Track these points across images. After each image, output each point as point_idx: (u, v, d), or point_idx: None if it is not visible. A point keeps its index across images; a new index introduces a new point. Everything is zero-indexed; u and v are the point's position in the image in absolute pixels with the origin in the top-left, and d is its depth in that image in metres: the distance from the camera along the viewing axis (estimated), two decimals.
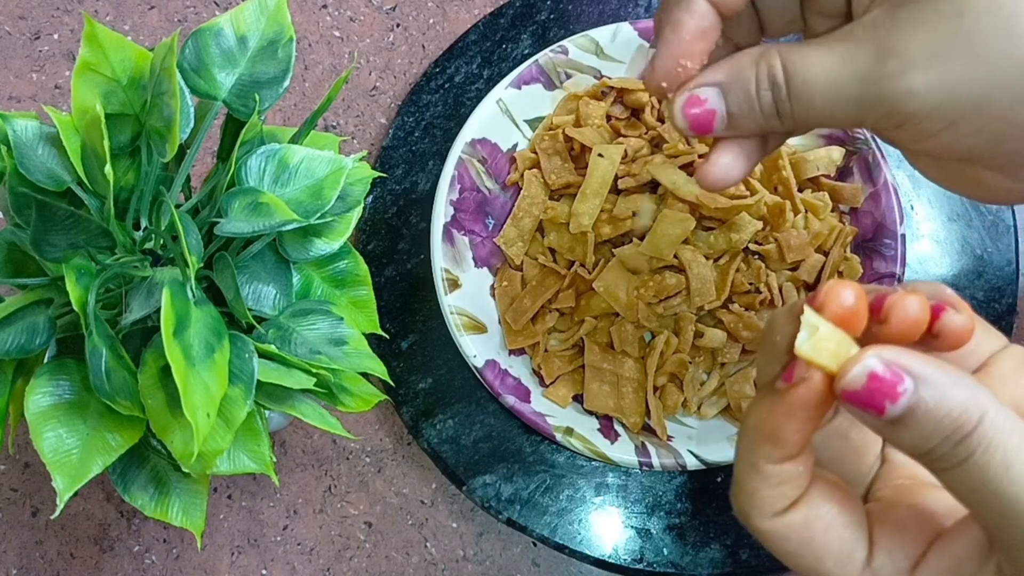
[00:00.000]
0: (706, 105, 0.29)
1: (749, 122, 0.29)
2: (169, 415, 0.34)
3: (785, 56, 0.28)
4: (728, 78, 0.29)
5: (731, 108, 0.29)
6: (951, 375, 0.22)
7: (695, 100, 0.29)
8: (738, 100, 0.28)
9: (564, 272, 0.50)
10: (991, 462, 0.21)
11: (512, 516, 0.49)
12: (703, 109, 0.29)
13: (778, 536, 0.24)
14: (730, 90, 0.29)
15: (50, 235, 0.33)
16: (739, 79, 0.28)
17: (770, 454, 0.24)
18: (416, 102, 0.56)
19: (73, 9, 0.59)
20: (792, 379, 0.23)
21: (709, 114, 0.29)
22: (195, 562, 0.51)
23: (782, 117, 0.28)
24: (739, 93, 0.28)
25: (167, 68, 0.34)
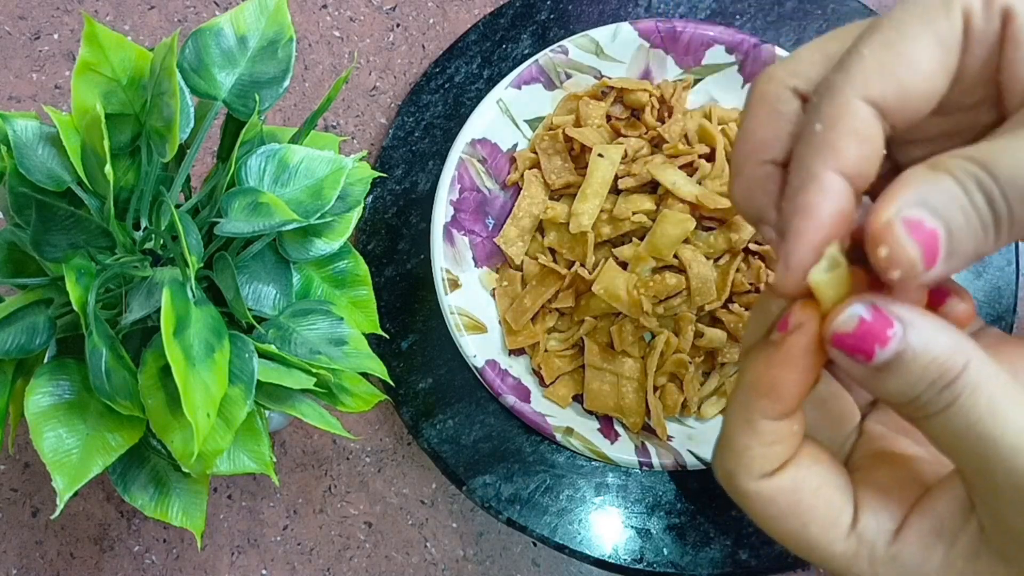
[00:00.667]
0: (925, 225, 0.21)
1: (968, 241, 0.22)
2: (169, 415, 0.34)
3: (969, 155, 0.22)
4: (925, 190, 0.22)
5: (950, 224, 0.21)
6: (938, 322, 0.22)
7: (911, 222, 0.21)
8: (952, 212, 0.21)
9: (564, 272, 0.50)
10: (976, 405, 0.21)
11: (512, 516, 0.49)
12: (925, 231, 0.21)
13: (764, 499, 0.24)
14: (938, 202, 0.21)
15: (50, 235, 0.33)
16: (938, 188, 0.21)
17: (767, 409, 0.24)
18: (416, 102, 0.56)
19: (73, 9, 0.59)
20: (788, 326, 0.23)
21: (931, 236, 0.21)
22: (195, 562, 0.51)
23: (999, 225, 0.22)
24: (949, 203, 0.21)
25: (167, 68, 0.34)
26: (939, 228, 0.21)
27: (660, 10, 0.56)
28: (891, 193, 0.22)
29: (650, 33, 0.53)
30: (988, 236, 0.22)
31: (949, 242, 0.21)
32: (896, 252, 0.21)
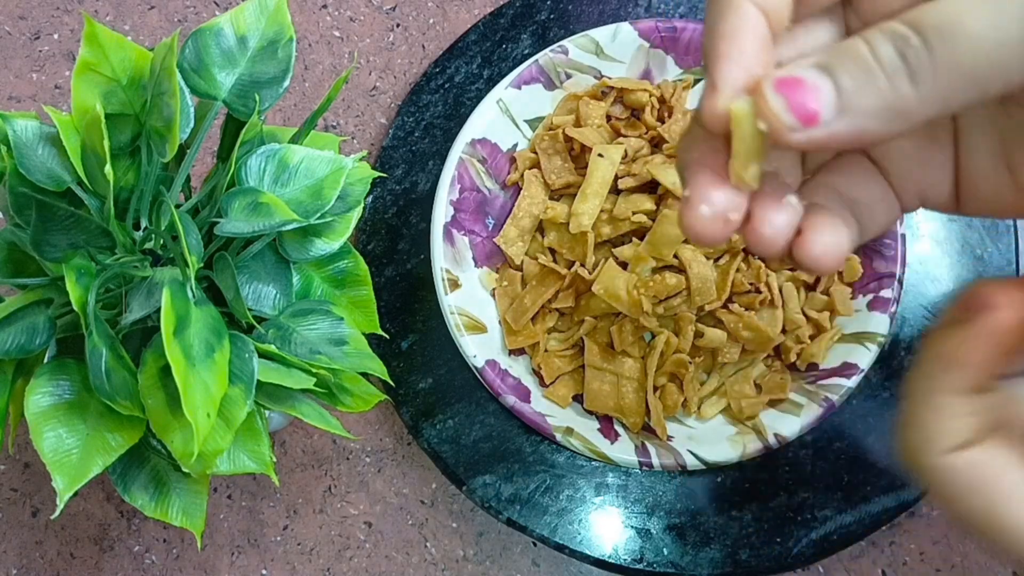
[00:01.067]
0: (806, 83, 0.21)
1: (869, 99, 0.20)
2: (169, 415, 0.34)
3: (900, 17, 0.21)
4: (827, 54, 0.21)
5: (842, 82, 0.21)
6: None
7: (789, 81, 0.21)
8: (850, 70, 0.21)
9: (564, 272, 0.50)
10: None
11: (512, 516, 0.49)
12: (803, 89, 0.21)
13: (949, 473, 0.23)
14: (834, 63, 0.21)
15: (50, 235, 0.33)
16: (843, 49, 0.21)
17: (955, 381, 0.23)
18: (416, 102, 0.56)
19: (73, 9, 0.59)
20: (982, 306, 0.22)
21: (811, 93, 0.21)
22: (195, 562, 0.51)
23: (918, 80, 0.20)
24: (847, 63, 0.21)
25: (167, 68, 0.34)
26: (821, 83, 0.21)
27: (660, 10, 0.56)
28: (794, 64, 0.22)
29: (650, 33, 0.53)
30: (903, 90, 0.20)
31: (839, 97, 0.21)
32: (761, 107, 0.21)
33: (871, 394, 0.51)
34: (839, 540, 0.48)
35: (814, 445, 0.50)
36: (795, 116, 0.21)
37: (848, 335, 0.50)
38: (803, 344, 0.50)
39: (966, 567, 0.50)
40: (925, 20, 0.20)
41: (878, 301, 0.50)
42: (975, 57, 0.20)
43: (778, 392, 0.50)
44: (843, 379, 0.49)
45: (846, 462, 0.49)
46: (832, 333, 0.50)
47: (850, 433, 0.50)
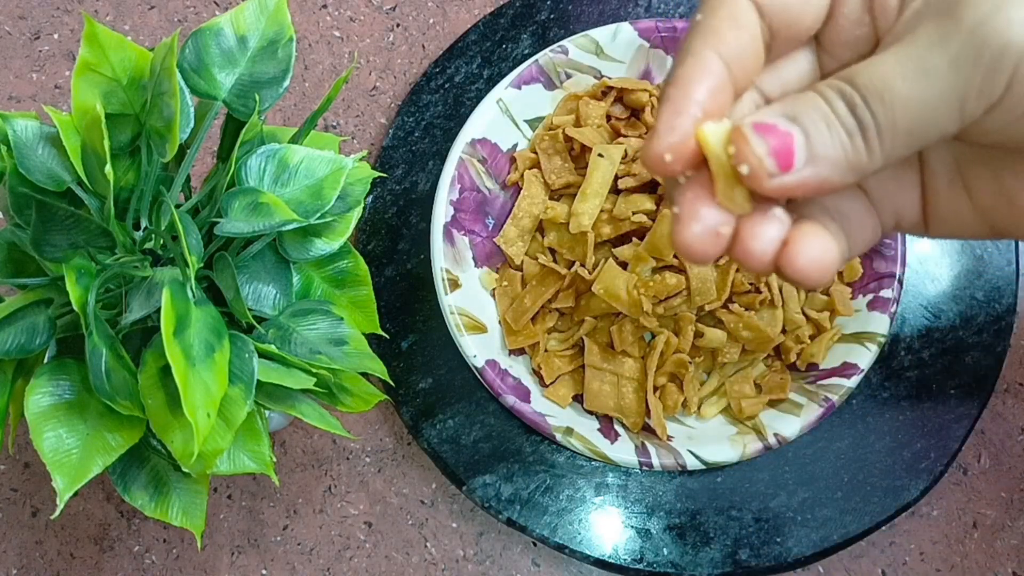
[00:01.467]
0: (778, 128, 0.22)
1: (833, 147, 0.22)
2: (169, 415, 0.34)
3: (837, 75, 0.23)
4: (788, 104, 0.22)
5: (808, 129, 0.22)
6: None
7: (762, 125, 0.22)
8: (812, 119, 0.22)
9: (564, 272, 0.50)
10: None
11: (512, 516, 0.49)
12: (778, 134, 0.22)
13: None
14: (798, 112, 0.22)
15: (50, 235, 0.33)
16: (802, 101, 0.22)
17: None
18: (416, 102, 0.56)
19: (73, 9, 0.59)
20: None
21: (786, 138, 0.22)
22: (195, 562, 0.51)
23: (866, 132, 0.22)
24: (809, 112, 0.22)
25: (167, 68, 0.34)
26: (793, 131, 0.22)
27: (660, 10, 0.56)
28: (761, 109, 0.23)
29: (650, 33, 0.53)
30: (857, 144, 0.22)
31: (809, 147, 0.22)
32: (742, 149, 0.22)
33: (871, 394, 0.51)
34: (839, 540, 0.48)
35: (814, 445, 0.50)
36: (775, 160, 0.22)
37: (848, 335, 0.50)
38: (803, 344, 0.50)
39: (966, 567, 0.50)
40: (862, 82, 0.22)
41: (878, 301, 0.50)
42: (909, 117, 0.22)
43: (778, 392, 0.50)
44: (843, 379, 0.49)
45: (846, 462, 0.49)
46: (832, 333, 0.50)
47: (850, 433, 0.50)
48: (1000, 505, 0.51)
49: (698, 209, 0.23)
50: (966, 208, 0.26)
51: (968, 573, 0.50)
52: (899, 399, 0.50)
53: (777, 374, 0.50)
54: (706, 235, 0.23)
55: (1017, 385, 0.53)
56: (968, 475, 0.52)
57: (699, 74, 0.23)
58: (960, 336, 0.51)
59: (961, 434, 0.50)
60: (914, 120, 0.22)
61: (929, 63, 0.21)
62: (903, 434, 0.50)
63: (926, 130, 0.22)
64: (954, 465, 0.51)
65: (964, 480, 0.52)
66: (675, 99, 0.23)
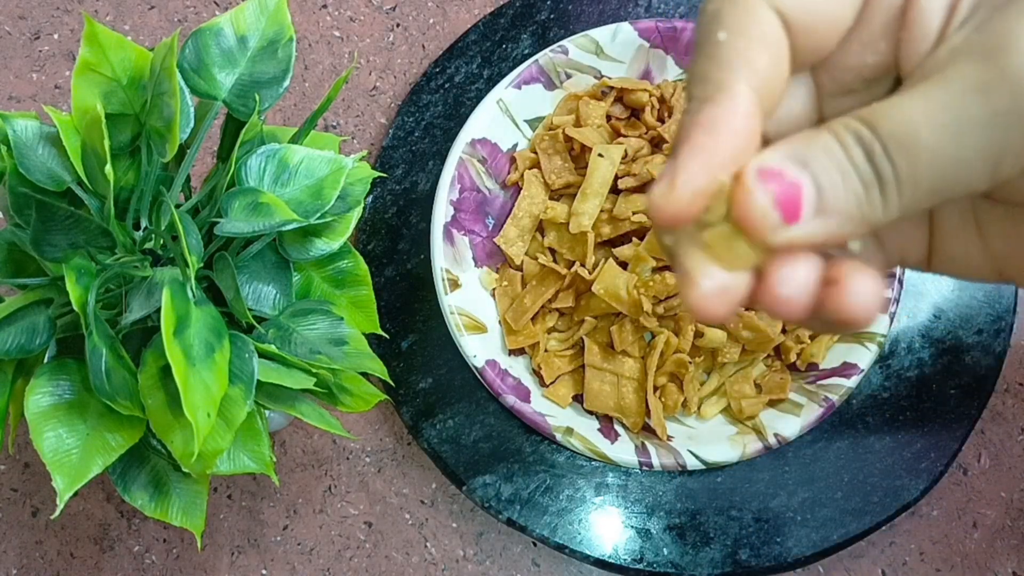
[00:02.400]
0: (786, 176, 0.19)
1: (845, 199, 0.19)
2: (169, 415, 0.34)
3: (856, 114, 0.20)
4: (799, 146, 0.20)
5: (819, 179, 0.19)
6: None
7: (768, 172, 0.19)
8: (824, 166, 0.19)
9: (564, 272, 0.50)
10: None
11: (512, 516, 0.49)
12: (784, 183, 0.19)
13: None
14: (809, 156, 0.19)
15: (50, 235, 0.33)
16: (814, 143, 0.20)
17: None
18: (416, 102, 0.56)
19: (73, 9, 0.59)
20: None
21: (793, 187, 0.19)
22: (195, 562, 0.51)
23: (883, 185, 0.19)
24: (821, 158, 0.19)
25: (167, 68, 0.34)
26: (803, 180, 0.19)
27: (660, 10, 0.56)
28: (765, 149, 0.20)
29: (650, 33, 0.53)
30: (873, 197, 0.20)
31: (819, 198, 0.19)
32: (742, 201, 0.19)
33: (871, 394, 0.51)
34: (839, 540, 0.48)
35: (814, 445, 0.50)
36: (780, 213, 0.19)
37: (848, 335, 0.50)
38: (803, 344, 0.50)
39: (966, 567, 0.50)
40: (886, 128, 0.19)
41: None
42: (934, 174, 0.19)
43: (778, 392, 0.50)
44: (843, 379, 0.49)
45: (846, 462, 0.49)
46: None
47: (850, 433, 0.50)
48: (1000, 505, 0.51)
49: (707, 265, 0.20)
50: (976, 251, 0.24)
51: (968, 573, 0.50)
52: (899, 399, 0.50)
53: (777, 374, 0.50)
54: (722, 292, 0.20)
55: (1017, 385, 0.53)
56: (968, 475, 0.52)
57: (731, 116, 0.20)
58: (960, 336, 0.51)
59: (961, 434, 0.50)
60: (940, 177, 0.19)
61: (964, 114, 0.19)
62: (903, 434, 0.50)
63: (952, 188, 0.20)
64: (954, 465, 0.51)
65: (964, 480, 0.52)
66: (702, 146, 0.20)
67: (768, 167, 0.19)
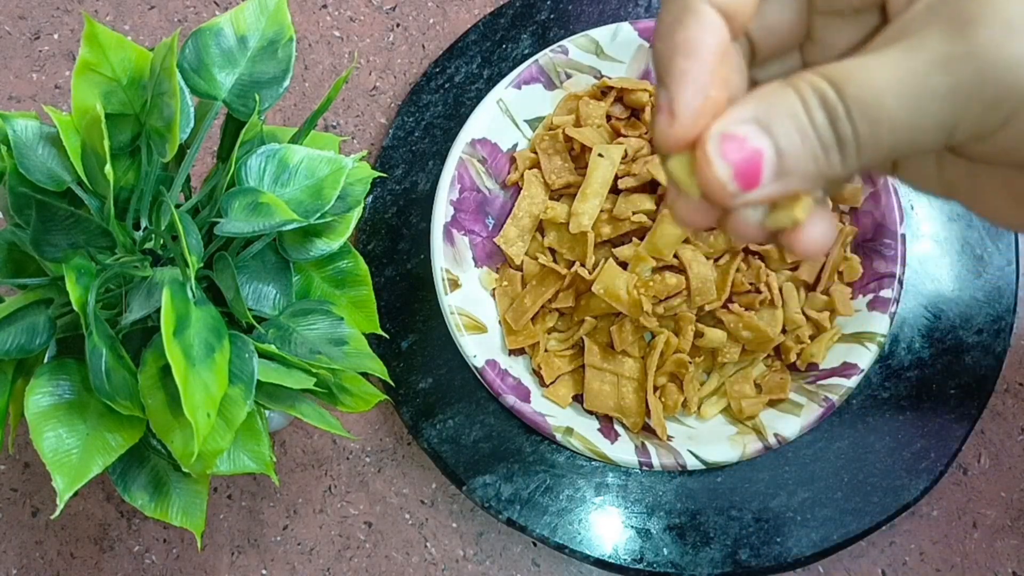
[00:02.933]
0: (747, 143, 0.20)
1: (804, 161, 0.20)
2: (169, 415, 0.34)
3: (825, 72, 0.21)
4: (763, 106, 0.21)
5: (779, 143, 0.20)
6: None
7: (730, 139, 0.20)
8: (786, 130, 0.20)
9: (564, 272, 0.50)
10: None
11: (512, 516, 0.49)
12: (745, 149, 0.20)
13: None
14: (772, 119, 0.20)
15: (50, 235, 0.33)
16: (778, 104, 0.21)
17: None
18: (416, 102, 0.56)
19: (73, 9, 0.59)
20: None
21: (754, 155, 0.20)
22: (195, 562, 0.51)
23: (844, 147, 0.20)
24: (784, 121, 0.20)
25: (167, 68, 0.34)
26: (764, 146, 0.20)
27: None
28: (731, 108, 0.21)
29: (650, 33, 0.53)
30: (831, 158, 0.21)
31: (778, 162, 0.20)
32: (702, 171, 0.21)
33: (871, 394, 0.51)
34: (839, 540, 0.48)
35: (814, 445, 0.50)
36: (739, 182, 0.20)
37: (848, 335, 0.50)
38: (803, 344, 0.50)
39: (966, 567, 0.50)
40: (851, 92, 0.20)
41: (878, 301, 0.50)
42: (894, 137, 0.20)
43: (778, 392, 0.50)
44: (843, 379, 0.49)
45: (846, 462, 0.49)
46: (832, 333, 0.50)
47: (850, 433, 0.50)
48: (1000, 505, 0.51)
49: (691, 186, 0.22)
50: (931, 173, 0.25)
51: (968, 573, 0.50)
52: (899, 399, 0.50)
53: (777, 374, 0.50)
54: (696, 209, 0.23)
55: (1017, 385, 0.53)
56: (968, 475, 0.52)
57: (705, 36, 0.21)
58: (960, 336, 0.51)
59: (961, 434, 0.50)
60: (899, 140, 0.20)
61: (928, 85, 0.20)
62: (903, 434, 0.50)
63: (906, 150, 0.21)
64: (954, 465, 0.51)
65: (964, 480, 0.52)
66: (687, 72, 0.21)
67: (731, 132, 0.20)
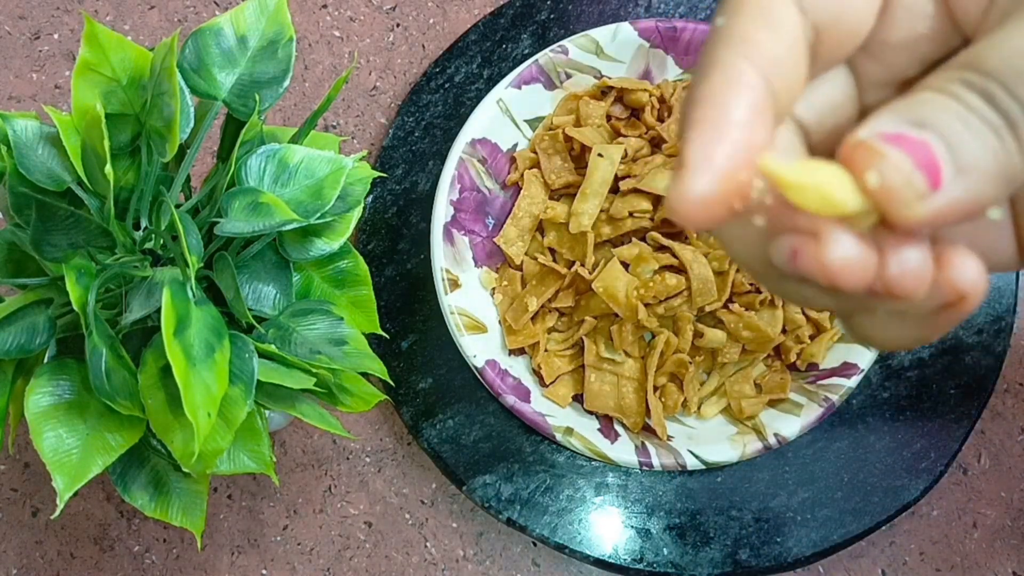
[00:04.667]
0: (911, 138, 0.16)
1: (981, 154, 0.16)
2: (169, 415, 0.34)
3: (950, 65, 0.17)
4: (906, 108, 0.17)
5: (947, 135, 0.16)
6: None
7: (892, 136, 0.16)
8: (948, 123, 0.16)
9: (564, 272, 0.50)
10: None
11: (512, 516, 0.49)
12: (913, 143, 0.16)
13: None
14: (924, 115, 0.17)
15: (50, 235, 0.33)
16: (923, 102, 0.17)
17: None
18: (416, 102, 0.56)
19: (73, 9, 0.59)
20: None
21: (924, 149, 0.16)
22: (195, 562, 0.51)
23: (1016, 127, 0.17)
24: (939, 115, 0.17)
25: (167, 68, 0.34)
26: (929, 138, 0.16)
27: (660, 10, 0.56)
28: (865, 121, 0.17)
29: (650, 33, 0.53)
30: (1008, 145, 0.17)
31: (952, 154, 0.16)
32: (887, 173, 0.16)
33: (871, 394, 0.51)
34: (839, 540, 0.48)
35: (814, 445, 0.50)
36: (925, 176, 0.16)
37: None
38: (803, 344, 0.50)
39: (966, 567, 0.50)
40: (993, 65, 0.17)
41: None
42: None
43: (778, 392, 0.50)
44: (843, 379, 0.49)
45: (846, 462, 0.49)
46: (832, 333, 0.50)
47: (850, 433, 0.50)
48: (1000, 505, 0.51)
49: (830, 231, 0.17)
50: None
51: (968, 573, 0.50)
52: (899, 399, 0.50)
53: (777, 374, 0.50)
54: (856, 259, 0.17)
55: (1017, 385, 0.53)
56: (968, 475, 0.52)
57: (733, 88, 0.17)
58: (960, 336, 0.51)
59: (961, 434, 0.50)
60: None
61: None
62: (903, 434, 0.50)
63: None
64: (954, 465, 0.51)
65: (964, 480, 0.52)
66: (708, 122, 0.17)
67: (884, 131, 0.16)
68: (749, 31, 0.18)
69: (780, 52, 0.18)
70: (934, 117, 0.17)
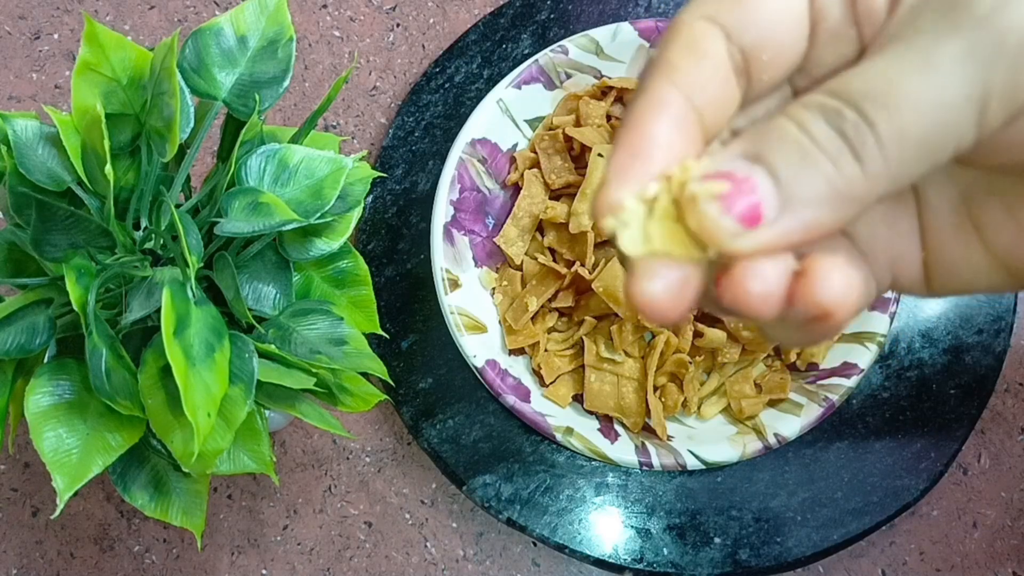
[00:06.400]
0: (736, 176, 0.17)
1: (814, 185, 0.17)
2: (169, 415, 0.34)
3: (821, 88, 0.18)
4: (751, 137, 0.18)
5: (778, 171, 0.17)
6: None
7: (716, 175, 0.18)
8: (784, 156, 0.18)
9: (564, 272, 0.50)
10: None
11: (512, 516, 0.49)
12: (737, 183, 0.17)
13: None
14: (765, 149, 0.18)
15: (50, 235, 0.33)
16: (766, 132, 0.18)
17: None
18: (416, 102, 0.56)
19: (73, 9, 0.59)
20: None
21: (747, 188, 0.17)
22: (195, 562, 0.51)
23: (864, 158, 0.17)
24: (781, 147, 0.18)
25: (167, 68, 0.34)
26: (755, 175, 0.17)
27: (660, 10, 0.56)
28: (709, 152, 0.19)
29: (650, 33, 0.53)
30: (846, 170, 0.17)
31: (779, 190, 0.17)
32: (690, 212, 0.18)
33: (871, 394, 0.51)
34: (839, 540, 0.48)
35: (814, 445, 0.50)
36: (735, 218, 0.17)
37: (848, 335, 0.50)
38: None
39: (966, 567, 0.50)
40: (854, 90, 0.18)
41: (878, 301, 0.50)
42: (921, 121, 0.17)
43: (778, 392, 0.50)
44: (843, 379, 0.49)
45: (846, 462, 0.49)
46: None
47: (850, 433, 0.50)
48: (1000, 505, 0.51)
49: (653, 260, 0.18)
50: (978, 253, 0.21)
51: (968, 573, 0.50)
52: (899, 399, 0.50)
53: (777, 374, 0.50)
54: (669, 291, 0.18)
55: (1017, 385, 0.53)
56: (968, 475, 0.52)
57: (655, 109, 0.19)
58: (960, 336, 0.51)
59: (961, 434, 0.50)
60: (927, 125, 0.17)
61: (940, 53, 0.17)
62: (903, 434, 0.50)
63: (941, 138, 0.18)
64: (954, 465, 0.51)
65: (964, 480, 0.52)
66: (629, 142, 0.19)
67: (713, 170, 0.18)
68: (675, 58, 0.20)
69: (705, 75, 0.20)
70: (769, 148, 0.18)
